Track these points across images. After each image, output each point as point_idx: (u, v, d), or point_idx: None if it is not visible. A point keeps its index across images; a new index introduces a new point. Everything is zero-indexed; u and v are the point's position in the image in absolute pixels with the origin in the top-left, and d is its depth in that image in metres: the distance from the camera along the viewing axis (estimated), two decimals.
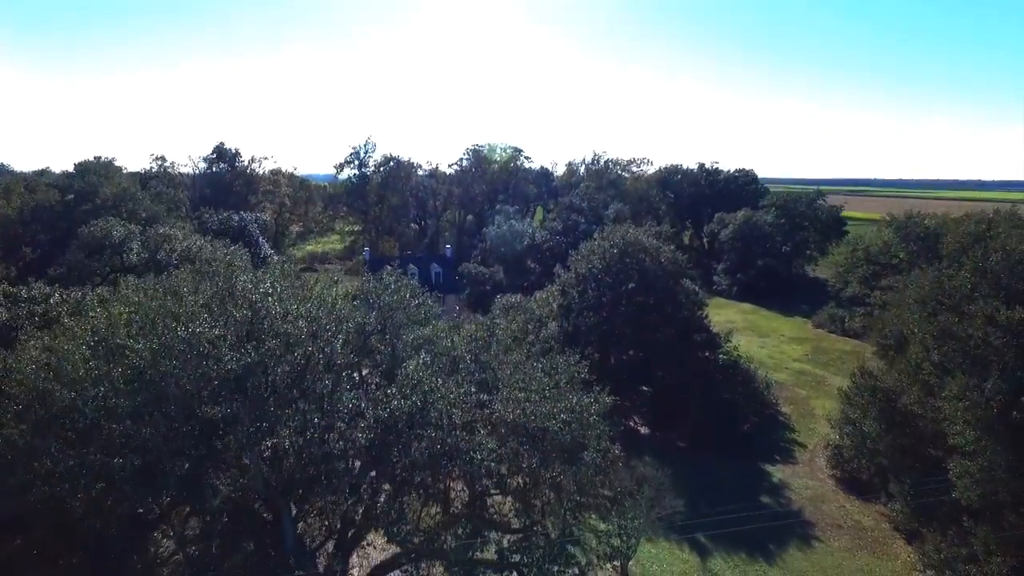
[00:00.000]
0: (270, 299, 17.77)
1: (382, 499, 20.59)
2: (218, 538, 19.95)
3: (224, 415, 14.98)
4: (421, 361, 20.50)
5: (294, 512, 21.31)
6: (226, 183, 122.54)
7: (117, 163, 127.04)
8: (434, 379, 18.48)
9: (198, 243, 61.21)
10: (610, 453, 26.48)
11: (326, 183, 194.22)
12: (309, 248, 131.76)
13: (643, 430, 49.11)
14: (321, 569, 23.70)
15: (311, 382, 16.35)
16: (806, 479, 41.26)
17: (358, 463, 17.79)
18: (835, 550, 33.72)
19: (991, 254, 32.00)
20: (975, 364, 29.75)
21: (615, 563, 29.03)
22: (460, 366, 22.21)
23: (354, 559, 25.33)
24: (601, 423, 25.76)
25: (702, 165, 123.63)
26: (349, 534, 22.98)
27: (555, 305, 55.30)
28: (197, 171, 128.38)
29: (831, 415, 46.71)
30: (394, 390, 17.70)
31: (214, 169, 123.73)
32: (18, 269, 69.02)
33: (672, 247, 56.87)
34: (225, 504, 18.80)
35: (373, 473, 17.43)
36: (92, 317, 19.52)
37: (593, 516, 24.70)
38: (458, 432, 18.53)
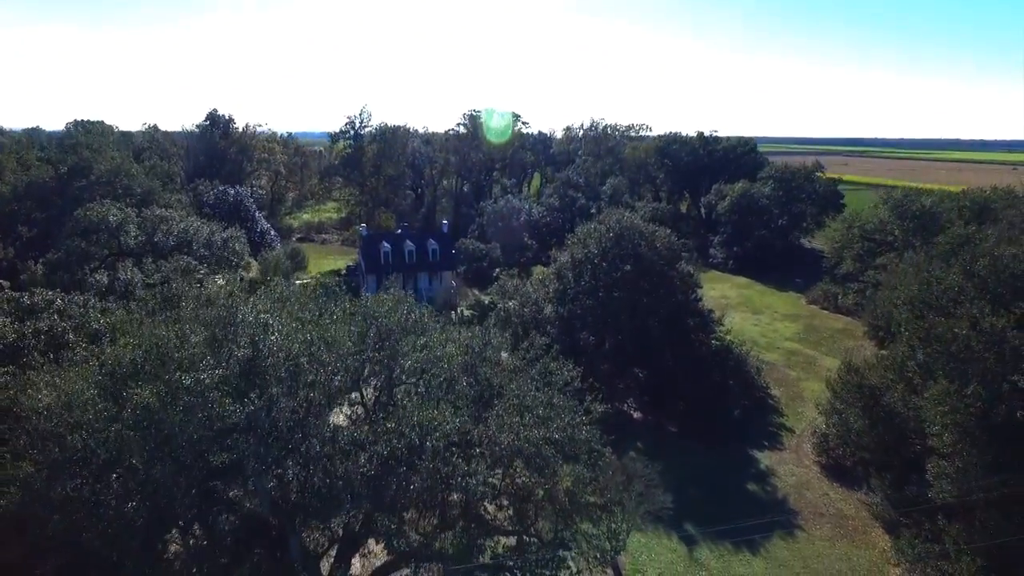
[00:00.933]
0: (271, 335, 18.29)
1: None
2: (227, 550, 20.93)
3: (231, 460, 15.76)
4: (417, 391, 21.25)
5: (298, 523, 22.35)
6: (220, 151, 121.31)
7: (108, 123, 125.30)
8: (431, 411, 19.18)
9: (195, 224, 61.34)
10: (602, 459, 27.62)
11: (321, 146, 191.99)
12: (306, 217, 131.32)
13: (636, 414, 50.37)
14: (325, 573, 24.97)
15: (313, 426, 17.05)
16: (792, 466, 42.65)
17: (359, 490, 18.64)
18: (816, 539, 35.24)
19: (979, 259, 32.48)
20: (957, 367, 30.59)
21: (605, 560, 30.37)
22: (456, 387, 22.88)
23: (356, 562, 26.60)
24: (593, 431, 26.83)
25: (701, 134, 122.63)
26: (350, 540, 24.17)
27: (551, 289, 55.87)
28: (190, 134, 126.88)
29: (819, 399, 47.91)
30: (392, 424, 18.44)
31: (208, 135, 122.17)
32: (15, 249, 69.34)
33: (668, 231, 56.97)
34: (234, 521, 19.78)
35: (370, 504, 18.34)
36: (98, 352, 20.10)
37: (584, 520, 25.79)
38: (454, 459, 19.38)
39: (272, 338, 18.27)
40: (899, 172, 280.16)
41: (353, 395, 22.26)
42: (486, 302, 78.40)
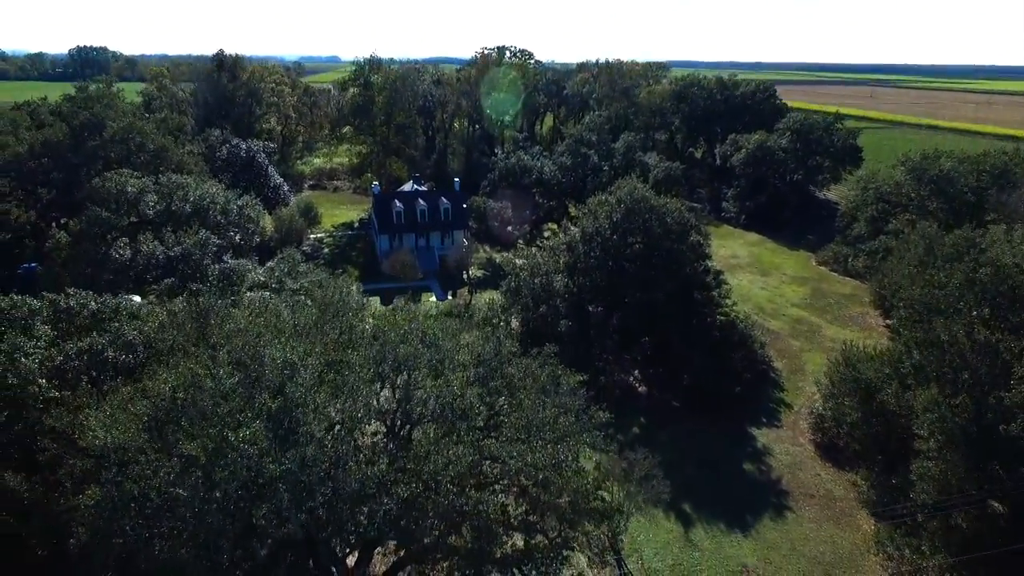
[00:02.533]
0: (298, 379, 19.85)
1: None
2: (262, 557, 23.36)
3: (268, 510, 17.70)
4: (433, 416, 23.04)
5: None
6: (228, 95, 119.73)
7: (111, 48, 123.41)
8: (446, 451, 20.94)
9: (211, 191, 62.16)
10: (602, 466, 29.75)
11: (330, 75, 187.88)
12: (317, 162, 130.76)
13: (641, 388, 52.32)
14: (350, 565, 27.69)
15: (342, 480, 18.84)
16: (788, 444, 44.78)
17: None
18: (805, 520, 37.71)
19: (982, 267, 33.03)
20: (950, 373, 31.84)
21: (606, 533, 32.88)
22: (468, 412, 24.53)
23: (375, 557, 29.34)
24: (596, 436, 28.90)
25: (720, 78, 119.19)
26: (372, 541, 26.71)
27: (562, 262, 56.84)
28: (198, 65, 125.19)
29: (819, 374, 49.68)
30: (412, 466, 20.27)
31: (216, 78, 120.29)
32: (37, 212, 70.77)
33: (679, 204, 57.04)
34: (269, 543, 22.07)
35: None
36: (141, 384, 21.86)
37: (586, 523, 28.05)
38: (468, 491, 21.34)
39: (300, 385, 19.85)
40: (925, 106, 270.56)
41: (374, 423, 24.07)
42: (498, 261, 79.60)
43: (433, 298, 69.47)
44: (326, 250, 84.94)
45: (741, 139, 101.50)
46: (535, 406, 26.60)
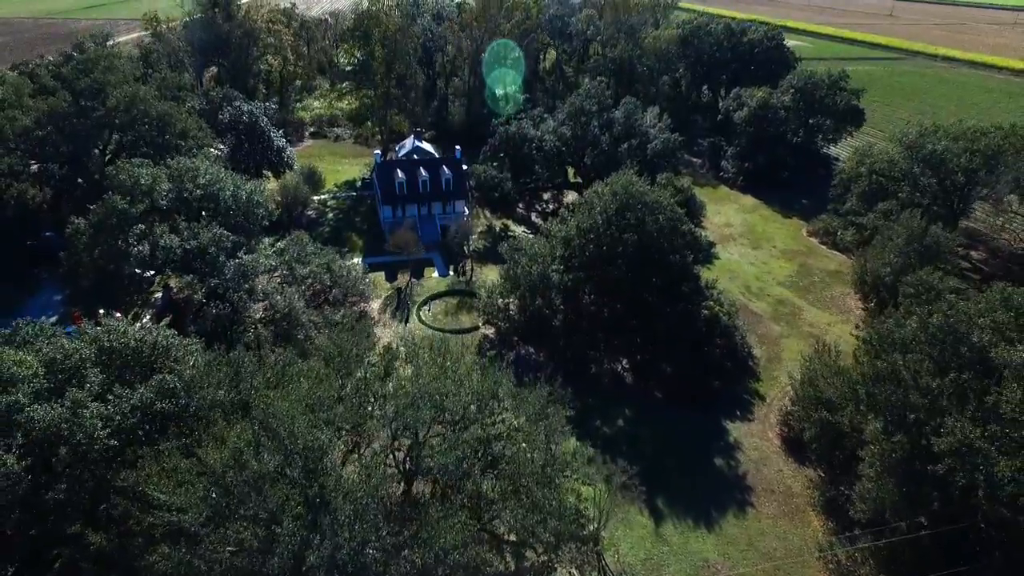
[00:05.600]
0: (330, 475, 24.07)
1: None
2: None
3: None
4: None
5: None
6: (224, 36, 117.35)
7: None
8: (453, 518, 25.47)
9: (220, 175, 64.00)
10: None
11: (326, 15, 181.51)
12: (316, 106, 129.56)
13: (628, 378, 56.61)
14: None
15: (371, 560, 23.33)
16: (757, 438, 49.67)
17: None
18: (763, 516, 43.12)
19: (934, 314, 36.34)
20: (896, 410, 35.96)
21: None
22: (468, 467, 28.88)
23: None
24: (579, 465, 33.65)
25: (728, 24, 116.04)
26: None
27: (557, 255, 59.69)
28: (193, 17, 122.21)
29: (793, 365, 53.80)
30: (424, 534, 24.87)
31: (211, 19, 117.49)
32: (52, 188, 72.86)
33: (672, 199, 59.21)
34: None
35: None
36: (197, 456, 26.11)
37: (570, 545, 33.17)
38: (469, 548, 26.08)
39: (330, 473, 24.08)
40: (947, 29, 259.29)
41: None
42: (497, 229, 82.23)
43: (436, 274, 72.82)
44: (330, 215, 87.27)
45: (745, 95, 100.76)
46: (526, 455, 30.91)
